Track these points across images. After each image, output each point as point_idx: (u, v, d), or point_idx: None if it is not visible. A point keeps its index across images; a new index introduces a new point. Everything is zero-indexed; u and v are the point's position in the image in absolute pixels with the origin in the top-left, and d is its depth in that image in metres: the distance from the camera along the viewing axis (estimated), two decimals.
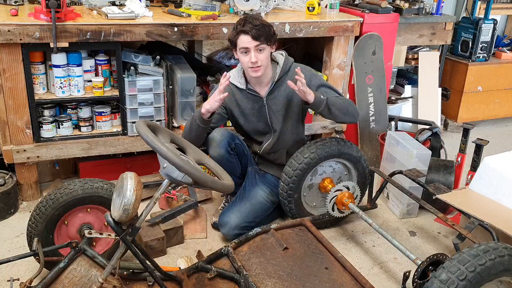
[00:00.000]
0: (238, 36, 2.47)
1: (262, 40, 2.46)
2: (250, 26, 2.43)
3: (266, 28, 2.48)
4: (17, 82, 2.69)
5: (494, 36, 4.28)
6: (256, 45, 2.46)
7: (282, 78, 2.65)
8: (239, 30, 2.46)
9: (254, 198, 2.73)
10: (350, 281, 2.17)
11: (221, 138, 2.63)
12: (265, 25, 2.48)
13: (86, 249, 1.95)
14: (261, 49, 2.49)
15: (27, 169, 2.92)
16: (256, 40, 2.45)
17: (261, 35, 2.45)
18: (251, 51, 2.47)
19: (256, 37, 2.44)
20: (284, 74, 2.66)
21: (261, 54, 2.50)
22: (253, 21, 2.45)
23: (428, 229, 2.97)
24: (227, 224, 2.67)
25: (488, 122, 4.74)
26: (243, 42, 2.46)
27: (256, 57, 2.48)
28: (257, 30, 2.43)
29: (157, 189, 1.87)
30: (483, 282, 1.76)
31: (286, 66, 2.67)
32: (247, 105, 2.71)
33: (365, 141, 3.72)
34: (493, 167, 2.47)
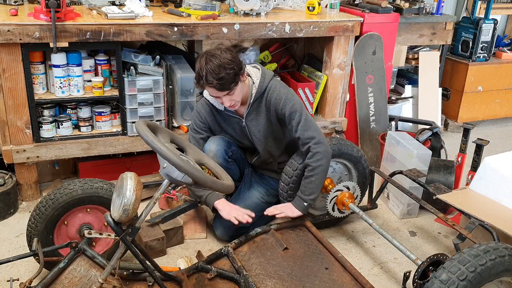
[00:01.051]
0: (204, 87, 2.39)
1: (230, 87, 2.32)
2: (214, 81, 2.27)
3: (231, 72, 2.28)
4: (17, 82, 2.69)
5: (494, 36, 4.27)
6: (225, 93, 2.35)
7: (259, 99, 2.53)
8: (203, 84, 2.32)
9: (248, 199, 2.72)
10: (350, 281, 2.17)
11: (217, 148, 2.60)
12: (228, 70, 2.26)
13: (86, 249, 1.95)
14: (231, 92, 2.36)
15: (26, 169, 2.91)
16: (223, 91, 2.32)
17: (227, 83, 2.29)
18: (222, 98, 2.38)
19: (222, 89, 2.31)
20: (260, 95, 2.52)
21: (233, 95, 2.37)
22: (215, 70, 2.25)
23: (429, 229, 2.96)
24: (221, 226, 2.67)
25: (489, 122, 4.74)
26: (212, 92, 2.38)
27: (230, 100, 2.38)
28: (221, 83, 2.28)
29: (157, 189, 1.87)
30: (483, 282, 1.76)
31: (262, 87, 2.51)
32: (229, 126, 2.66)
33: (365, 141, 3.71)
34: (493, 167, 2.47)
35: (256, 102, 2.55)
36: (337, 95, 3.52)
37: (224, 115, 2.62)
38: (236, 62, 2.33)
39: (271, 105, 2.52)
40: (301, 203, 2.51)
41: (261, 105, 2.55)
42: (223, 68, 2.26)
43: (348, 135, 3.64)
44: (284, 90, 2.52)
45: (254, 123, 2.60)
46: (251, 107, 2.55)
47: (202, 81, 2.31)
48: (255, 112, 2.57)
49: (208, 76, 2.27)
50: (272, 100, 2.51)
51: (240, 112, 2.60)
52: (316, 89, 3.48)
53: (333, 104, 3.54)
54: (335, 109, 3.56)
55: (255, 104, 2.55)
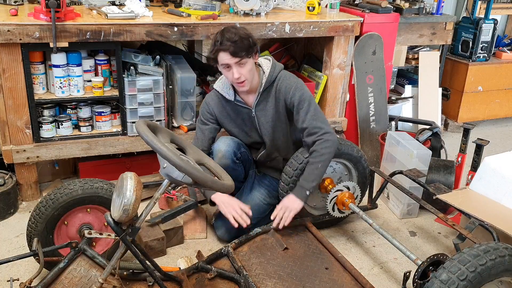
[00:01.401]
0: (217, 54, 2.37)
1: (242, 55, 2.35)
2: (228, 43, 2.31)
3: (245, 41, 2.34)
4: (16, 82, 2.69)
5: (494, 36, 4.27)
6: (237, 61, 2.36)
7: (269, 88, 2.57)
8: (217, 48, 2.35)
9: (250, 200, 2.72)
10: (350, 281, 2.17)
11: (227, 149, 2.61)
12: (243, 38, 2.34)
13: (86, 249, 1.95)
14: (242, 63, 2.38)
15: (26, 169, 2.91)
16: (235, 57, 2.35)
17: (241, 50, 2.33)
18: (232, 67, 2.38)
19: (235, 54, 2.34)
20: (270, 84, 2.55)
21: (243, 68, 2.39)
22: (230, 36, 2.32)
23: (429, 229, 2.96)
24: (222, 227, 2.67)
25: (489, 122, 4.74)
26: (223, 59, 2.37)
27: (239, 72, 2.39)
28: (235, 46, 2.32)
29: (157, 189, 1.87)
30: (483, 282, 1.76)
31: (272, 76, 2.54)
32: (238, 117, 2.66)
33: (365, 141, 3.71)
34: (493, 167, 2.47)
35: (266, 91, 2.57)
36: (337, 95, 3.52)
37: (233, 105, 2.63)
38: (252, 38, 2.41)
39: (281, 94, 2.54)
40: (303, 191, 2.48)
41: (270, 94, 2.57)
42: (239, 36, 2.34)
43: (348, 135, 3.64)
44: (294, 80, 2.56)
45: (263, 113, 2.61)
46: (261, 96, 2.57)
47: (217, 46, 2.35)
48: (264, 101, 2.59)
49: (224, 40, 2.32)
50: (282, 89, 2.53)
51: (249, 102, 2.61)
52: (316, 89, 3.48)
53: (333, 104, 3.54)
54: (335, 109, 3.56)
55: (264, 93, 2.57)
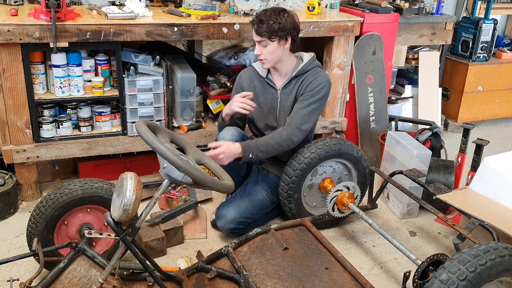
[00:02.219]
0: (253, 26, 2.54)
1: (264, 36, 2.49)
2: (257, 19, 2.48)
3: (274, 25, 2.46)
4: (17, 82, 2.69)
5: (494, 36, 4.27)
6: (258, 40, 2.52)
7: (299, 76, 2.66)
8: (251, 20, 2.53)
9: (254, 195, 2.74)
10: (350, 281, 2.17)
11: (231, 138, 2.65)
12: (274, 22, 2.46)
13: (86, 249, 1.95)
14: (264, 44, 2.52)
15: (27, 169, 2.91)
16: (258, 35, 2.50)
17: (264, 31, 2.47)
18: (256, 44, 2.55)
19: (257, 32, 2.50)
20: (303, 72, 2.66)
21: (265, 48, 2.54)
22: (263, 16, 2.48)
23: (428, 229, 2.96)
24: (223, 217, 2.67)
25: (488, 122, 4.74)
26: (253, 34, 2.55)
27: (260, 51, 2.54)
28: (260, 26, 2.47)
29: (157, 189, 1.87)
30: (483, 282, 1.76)
31: (309, 65, 2.66)
32: (262, 95, 2.74)
33: (365, 141, 3.71)
34: (493, 167, 2.47)
35: (297, 78, 2.66)
36: (337, 95, 3.52)
37: (263, 82, 2.73)
38: (286, 28, 2.49)
39: (307, 81, 2.64)
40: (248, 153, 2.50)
41: (299, 81, 2.66)
42: (272, 18, 2.46)
43: (348, 135, 3.64)
44: (326, 79, 2.68)
45: (286, 97, 2.69)
46: (291, 80, 2.66)
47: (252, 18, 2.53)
48: (291, 87, 2.67)
49: (258, 16, 2.50)
50: (312, 80, 2.63)
51: (278, 84, 2.71)
52: None
53: (333, 104, 3.54)
54: (335, 109, 3.56)
55: (295, 80, 2.66)
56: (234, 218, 2.64)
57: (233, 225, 2.64)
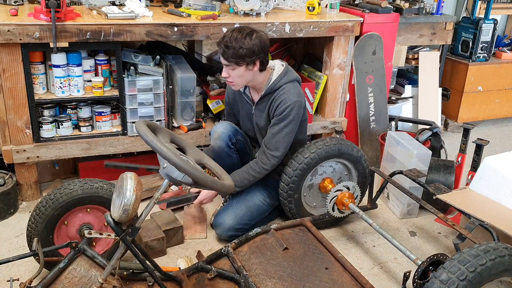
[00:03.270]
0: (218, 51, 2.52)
1: (230, 61, 2.44)
2: (223, 44, 2.42)
3: (241, 50, 2.39)
4: (17, 82, 2.69)
5: (494, 36, 4.28)
6: (226, 64, 2.47)
7: (270, 94, 2.61)
8: (217, 43, 2.49)
9: (250, 200, 2.73)
10: (350, 281, 2.17)
11: (223, 131, 2.67)
12: (240, 48, 2.38)
13: (86, 249, 1.95)
14: (232, 68, 2.47)
15: (27, 169, 2.91)
16: (224, 60, 2.46)
17: (231, 57, 2.42)
18: (223, 66, 2.51)
19: (224, 57, 2.45)
20: (271, 91, 2.59)
21: (233, 72, 2.48)
22: (231, 38, 2.40)
23: (428, 229, 2.96)
24: (221, 225, 2.67)
25: (488, 122, 4.74)
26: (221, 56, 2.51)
27: (228, 73, 2.50)
28: (226, 52, 2.41)
29: (157, 189, 1.87)
30: (483, 282, 1.76)
31: (276, 83, 2.58)
32: (242, 108, 2.77)
33: (365, 141, 3.71)
34: (493, 167, 2.47)
35: (268, 96, 2.62)
36: (337, 95, 3.52)
37: (241, 97, 2.74)
38: (254, 53, 2.41)
39: (275, 103, 2.58)
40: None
41: (270, 99, 2.62)
42: (239, 43, 2.39)
43: (348, 135, 3.64)
44: (294, 98, 2.55)
45: (260, 114, 2.68)
46: (263, 97, 2.64)
47: (220, 39, 2.48)
48: (264, 104, 2.65)
49: (225, 39, 2.43)
50: (278, 100, 2.57)
51: (254, 99, 2.70)
52: (316, 89, 3.48)
53: (333, 104, 3.54)
54: (335, 109, 3.56)
55: (266, 97, 2.63)
56: (231, 226, 2.63)
57: (231, 233, 2.63)
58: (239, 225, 2.63)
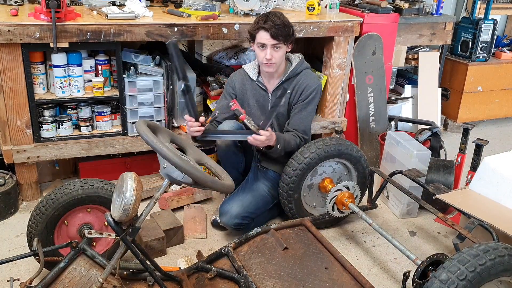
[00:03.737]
0: (258, 31, 2.54)
1: (280, 39, 2.53)
2: (271, 24, 2.49)
3: (286, 29, 2.54)
4: (17, 82, 2.69)
5: (494, 36, 4.28)
6: (274, 43, 2.53)
7: (291, 79, 2.72)
8: (260, 26, 2.52)
9: (256, 190, 2.75)
10: (350, 281, 2.17)
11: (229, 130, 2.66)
12: (286, 25, 2.53)
13: (86, 249, 1.96)
14: (277, 47, 2.55)
15: (27, 169, 2.92)
16: (274, 39, 2.52)
17: (280, 34, 2.52)
18: (267, 48, 2.55)
19: (274, 36, 2.51)
20: (294, 76, 2.72)
21: (277, 52, 2.57)
22: (275, 19, 2.51)
23: (428, 229, 2.97)
24: (227, 213, 2.67)
25: (488, 122, 4.75)
26: (262, 38, 2.54)
27: (272, 55, 2.56)
28: (277, 30, 2.50)
29: (157, 189, 1.87)
30: (483, 282, 1.77)
31: (298, 68, 2.73)
32: (253, 97, 2.78)
33: (365, 141, 3.72)
34: (493, 167, 2.47)
35: (288, 81, 2.71)
36: (337, 95, 3.53)
37: (254, 85, 2.77)
38: (292, 28, 2.60)
39: (300, 87, 2.70)
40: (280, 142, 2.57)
41: (290, 85, 2.71)
42: (282, 21, 2.53)
43: (347, 135, 3.65)
44: (317, 81, 2.76)
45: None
46: (282, 83, 2.70)
47: (259, 25, 2.51)
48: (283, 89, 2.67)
49: (268, 20, 2.50)
50: (304, 84, 2.70)
51: (269, 86, 2.75)
52: None
53: (333, 104, 3.54)
54: (335, 109, 3.57)
55: (286, 83, 2.71)
56: (238, 213, 2.64)
57: (238, 220, 2.64)
58: (245, 213, 2.65)
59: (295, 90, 2.72)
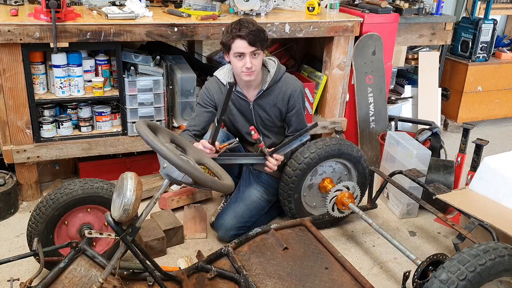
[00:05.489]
0: (233, 41, 2.42)
1: (258, 45, 2.43)
2: (246, 31, 2.39)
3: (262, 34, 2.45)
4: (17, 82, 2.70)
5: (494, 36, 4.28)
6: (252, 50, 2.43)
7: (272, 88, 2.64)
8: (235, 34, 2.40)
9: (248, 198, 2.73)
10: (350, 281, 2.17)
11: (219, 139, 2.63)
12: (260, 30, 2.45)
13: (86, 249, 1.96)
14: (256, 54, 2.46)
15: (27, 169, 2.92)
16: (252, 46, 2.41)
17: (258, 40, 2.42)
18: (246, 56, 2.44)
19: (252, 43, 2.41)
20: (274, 83, 2.65)
21: (256, 59, 2.47)
22: (249, 25, 2.41)
23: (428, 229, 2.97)
24: (222, 226, 2.66)
25: (488, 122, 4.75)
26: (239, 47, 2.42)
27: (251, 63, 2.45)
28: (254, 36, 2.40)
29: (157, 189, 1.87)
30: (483, 282, 1.77)
31: (277, 76, 2.64)
32: (234, 107, 2.71)
33: (365, 141, 3.72)
34: (493, 167, 2.47)
35: (269, 90, 2.65)
36: (337, 95, 3.53)
37: (234, 95, 2.68)
38: (266, 33, 2.51)
39: (286, 94, 2.65)
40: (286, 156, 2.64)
41: (273, 92, 2.65)
42: (256, 26, 2.45)
43: (347, 135, 3.65)
44: (298, 84, 2.70)
45: (262, 108, 2.69)
46: (263, 92, 2.64)
47: (234, 34, 2.40)
48: (265, 98, 2.66)
49: (242, 27, 2.40)
50: (288, 91, 2.65)
51: (248, 96, 2.68)
52: (316, 89, 3.48)
53: (333, 104, 3.55)
54: (335, 109, 3.57)
55: (267, 91, 2.65)
56: (232, 225, 2.63)
57: (233, 232, 2.63)
58: (239, 223, 2.64)
59: (280, 98, 2.64)
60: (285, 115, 2.72)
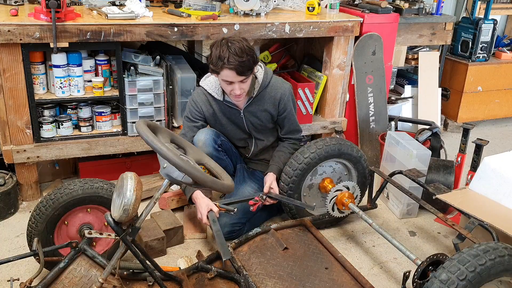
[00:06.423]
0: (221, 70, 2.38)
1: (247, 74, 2.41)
2: (235, 63, 2.32)
3: (251, 60, 2.38)
4: (17, 82, 2.69)
5: (494, 36, 4.28)
6: (241, 79, 2.41)
7: (261, 93, 2.65)
8: (223, 65, 2.34)
9: (242, 195, 2.73)
10: (350, 281, 2.17)
11: (206, 137, 2.65)
12: (249, 56, 2.37)
13: (86, 249, 1.96)
14: (245, 81, 2.45)
15: (27, 169, 2.92)
16: (241, 75, 2.39)
17: (246, 70, 2.38)
18: (235, 84, 2.43)
19: (241, 73, 2.38)
20: (263, 89, 2.64)
21: (245, 83, 2.46)
22: (237, 51, 2.32)
23: (428, 229, 2.97)
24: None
25: (488, 122, 4.75)
26: (228, 77, 2.40)
27: (241, 88, 2.45)
28: (242, 67, 2.35)
29: (157, 189, 1.87)
30: (483, 282, 1.76)
31: (265, 82, 2.63)
32: (224, 116, 2.71)
33: (365, 141, 3.72)
34: (493, 167, 2.47)
35: (258, 97, 2.64)
36: (337, 95, 3.53)
37: (220, 104, 2.67)
38: (255, 53, 2.44)
39: (275, 99, 2.66)
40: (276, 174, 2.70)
41: (263, 98, 2.65)
42: (245, 53, 2.35)
43: (348, 135, 3.65)
44: (286, 86, 2.71)
45: (253, 114, 2.69)
46: (253, 99, 2.64)
47: (222, 63, 2.34)
48: (255, 104, 2.66)
49: (230, 58, 2.32)
50: (277, 95, 2.66)
51: (237, 103, 2.66)
52: (316, 89, 3.48)
53: (333, 104, 3.55)
54: (335, 109, 3.57)
55: (256, 98, 2.64)
56: (226, 222, 2.62)
57: (227, 228, 2.62)
58: (234, 220, 2.63)
59: (271, 103, 2.65)
60: (276, 118, 2.74)
